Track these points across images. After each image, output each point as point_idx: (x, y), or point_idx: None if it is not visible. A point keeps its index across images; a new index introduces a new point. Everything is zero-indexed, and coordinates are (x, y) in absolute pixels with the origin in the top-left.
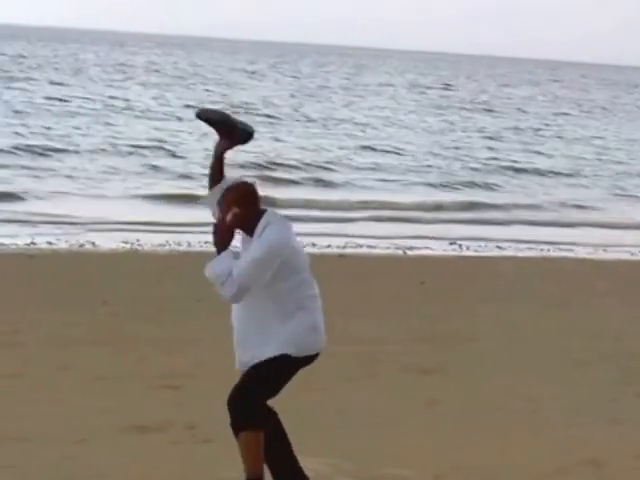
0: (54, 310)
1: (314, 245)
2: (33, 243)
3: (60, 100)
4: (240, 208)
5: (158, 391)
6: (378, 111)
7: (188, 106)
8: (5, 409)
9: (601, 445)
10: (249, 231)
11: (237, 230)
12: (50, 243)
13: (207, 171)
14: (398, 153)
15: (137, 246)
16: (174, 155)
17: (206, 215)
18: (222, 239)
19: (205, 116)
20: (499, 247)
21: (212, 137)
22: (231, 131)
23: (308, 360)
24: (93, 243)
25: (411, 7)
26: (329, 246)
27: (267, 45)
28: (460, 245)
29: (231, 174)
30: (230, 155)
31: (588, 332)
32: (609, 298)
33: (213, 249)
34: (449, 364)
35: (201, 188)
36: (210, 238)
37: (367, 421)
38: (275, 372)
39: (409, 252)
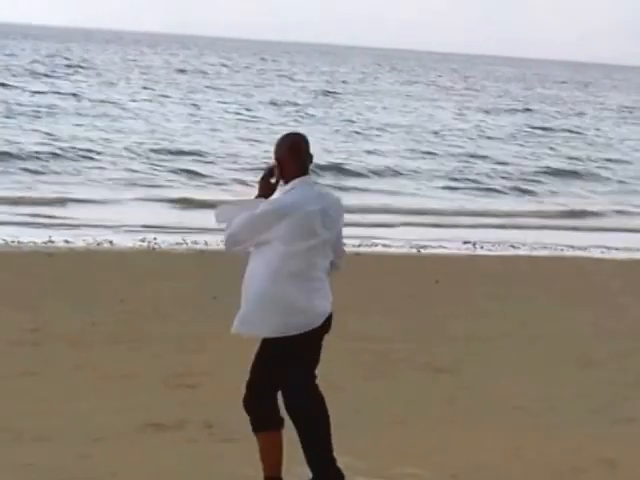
0: (72, 309)
1: None
2: (51, 241)
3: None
4: (283, 160)
5: (175, 389)
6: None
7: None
8: (22, 407)
9: (616, 445)
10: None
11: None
12: (67, 242)
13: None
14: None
15: (154, 245)
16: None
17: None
18: (261, 189)
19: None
20: (513, 246)
21: None
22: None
23: (305, 337)
24: (110, 242)
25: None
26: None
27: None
28: (474, 244)
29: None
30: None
31: (604, 331)
32: (625, 297)
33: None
34: (464, 363)
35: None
36: None
37: (382, 420)
38: (271, 359)
39: (423, 251)
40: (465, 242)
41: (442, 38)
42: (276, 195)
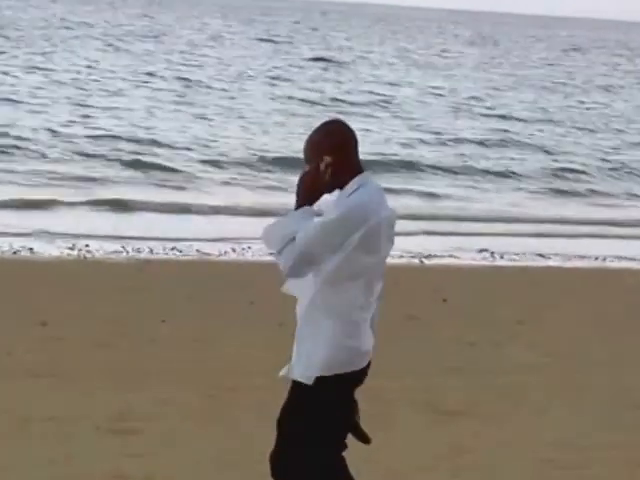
0: None
1: None
2: None
3: None
4: (333, 157)
5: (110, 437)
6: None
7: None
8: None
9: None
10: (340, 189)
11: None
12: None
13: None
14: None
15: (86, 253)
16: None
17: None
18: (305, 195)
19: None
20: (541, 255)
21: None
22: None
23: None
24: (31, 249)
25: None
26: None
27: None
28: (492, 253)
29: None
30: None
31: None
32: None
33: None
34: (479, 403)
35: None
36: None
37: (373, 476)
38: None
39: (427, 261)
40: (481, 250)
41: None
42: (333, 199)
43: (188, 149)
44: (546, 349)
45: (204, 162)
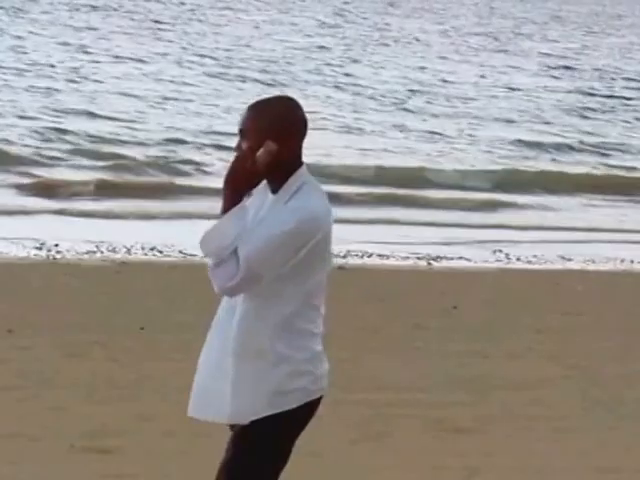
0: None
1: None
2: None
3: None
4: (279, 144)
5: (83, 455)
6: None
7: None
8: None
9: None
10: (276, 183)
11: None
12: None
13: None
14: None
15: (56, 254)
16: None
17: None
18: (237, 186)
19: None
20: (563, 257)
21: None
22: None
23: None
24: None
25: None
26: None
27: None
28: (507, 255)
29: None
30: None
31: None
32: None
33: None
34: (493, 421)
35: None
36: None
37: None
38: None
39: (435, 264)
40: (495, 251)
41: None
42: (285, 190)
43: None
44: (567, 361)
45: None
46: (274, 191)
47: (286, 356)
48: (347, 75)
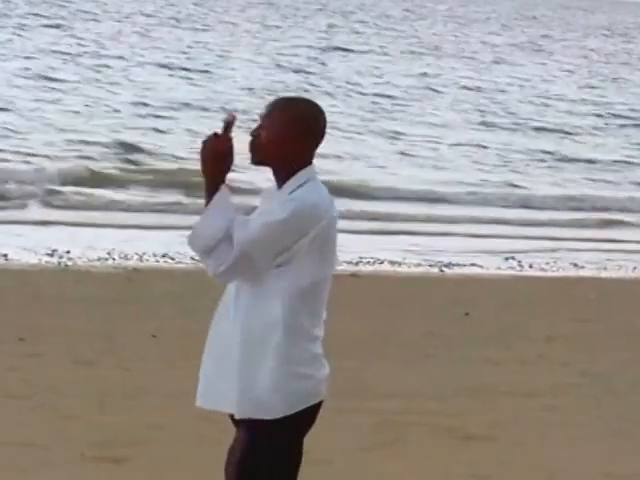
0: None
1: None
2: None
3: None
4: (294, 142)
5: (95, 464)
6: None
7: None
8: None
9: None
10: (282, 180)
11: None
12: None
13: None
14: None
15: (67, 261)
16: None
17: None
18: (211, 171)
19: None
20: (575, 264)
21: None
22: None
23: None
24: (5, 256)
25: None
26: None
27: None
28: (520, 262)
29: None
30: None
31: None
32: None
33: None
34: (504, 427)
35: None
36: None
37: None
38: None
39: (447, 270)
40: (507, 258)
41: None
42: (288, 185)
43: None
44: (580, 368)
45: None
46: (279, 186)
47: (286, 356)
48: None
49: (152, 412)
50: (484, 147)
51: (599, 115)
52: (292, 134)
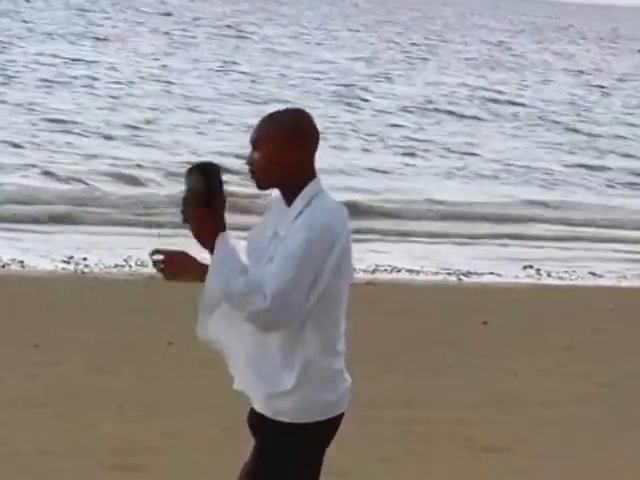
0: None
1: None
2: None
3: None
4: (290, 154)
5: (113, 473)
6: None
7: None
8: None
9: None
10: (289, 195)
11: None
12: None
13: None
14: None
15: (83, 268)
16: None
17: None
18: (202, 243)
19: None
20: (593, 274)
21: None
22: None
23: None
24: (21, 263)
25: None
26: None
27: None
28: (538, 270)
29: None
30: None
31: None
32: None
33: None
34: (524, 439)
35: None
36: None
37: None
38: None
39: (465, 279)
40: (526, 267)
41: None
42: (298, 203)
43: None
44: (597, 378)
45: None
46: (288, 204)
47: (308, 367)
48: None
49: (169, 420)
50: None
51: None
52: (286, 150)
